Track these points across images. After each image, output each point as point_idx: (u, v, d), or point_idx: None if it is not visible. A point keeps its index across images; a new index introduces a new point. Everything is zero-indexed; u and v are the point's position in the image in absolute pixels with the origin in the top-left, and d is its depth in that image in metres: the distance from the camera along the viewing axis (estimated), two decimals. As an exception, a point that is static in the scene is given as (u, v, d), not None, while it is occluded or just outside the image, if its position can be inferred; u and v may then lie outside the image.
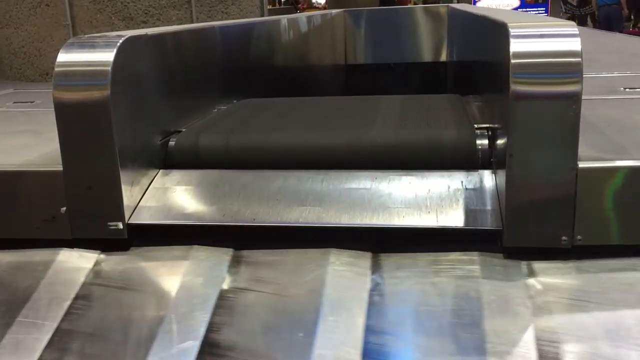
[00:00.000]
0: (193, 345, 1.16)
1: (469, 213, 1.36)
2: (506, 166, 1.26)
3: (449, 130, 1.60)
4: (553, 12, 12.55)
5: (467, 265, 1.30)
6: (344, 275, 1.31)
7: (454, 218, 1.35)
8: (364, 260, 1.35)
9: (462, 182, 1.43)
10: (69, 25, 3.46)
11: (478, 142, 1.52)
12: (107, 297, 1.33)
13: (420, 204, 1.39)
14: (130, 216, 1.44)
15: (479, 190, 1.41)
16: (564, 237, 1.27)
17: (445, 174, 1.46)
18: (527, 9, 13.71)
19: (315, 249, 1.38)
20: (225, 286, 1.31)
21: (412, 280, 1.29)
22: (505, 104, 1.26)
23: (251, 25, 2.88)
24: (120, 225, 1.42)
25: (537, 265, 1.28)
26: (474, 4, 12.65)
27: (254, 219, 1.42)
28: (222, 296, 1.28)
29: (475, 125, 1.61)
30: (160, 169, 1.61)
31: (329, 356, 1.11)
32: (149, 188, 1.53)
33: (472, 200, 1.39)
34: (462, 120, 1.70)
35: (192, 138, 1.69)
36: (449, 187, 1.42)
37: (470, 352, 1.10)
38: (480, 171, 1.46)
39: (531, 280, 1.24)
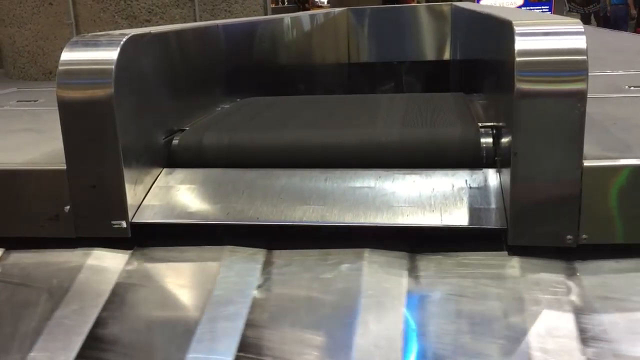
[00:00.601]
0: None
1: (473, 212, 1.35)
2: (511, 165, 1.26)
3: (453, 128, 1.60)
4: (557, 11, 12.52)
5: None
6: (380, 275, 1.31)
7: (458, 217, 1.35)
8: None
9: (466, 180, 1.42)
10: (73, 24, 3.46)
11: (482, 140, 1.52)
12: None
13: (424, 202, 1.39)
14: (134, 215, 1.44)
15: (483, 189, 1.40)
16: (569, 236, 1.27)
17: (450, 172, 1.45)
18: (531, 7, 13.66)
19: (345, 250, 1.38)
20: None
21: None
22: (509, 102, 1.25)
23: (254, 24, 2.87)
24: (124, 224, 1.42)
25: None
26: (478, 2, 12.62)
27: (257, 218, 1.42)
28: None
29: (480, 124, 1.60)
30: (163, 167, 1.61)
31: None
32: (153, 187, 1.53)
33: (477, 199, 1.38)
34: (466, 119, 1.69)
35: (196, 137, 1.69)
36: (453, 186, 1.41)
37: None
38: (485, 170, 1.45)
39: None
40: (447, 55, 5.27)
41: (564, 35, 1.24)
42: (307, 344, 1.15)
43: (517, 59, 1.22)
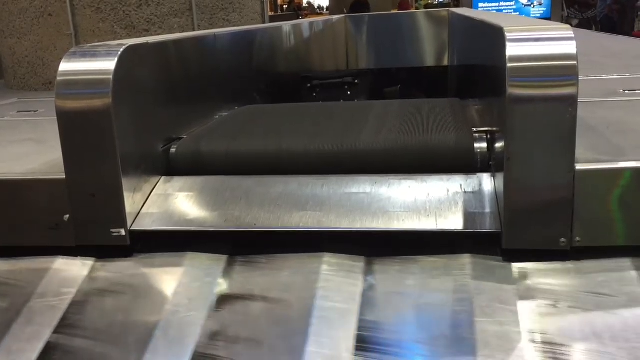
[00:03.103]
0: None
1: (468, 216, 1.37)
2: (504, 169, 1.27)
3: (448, 134, 1.62)
4: (554, 14, 12.57)
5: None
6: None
7: (453, 221, 1.36)
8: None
9: (461, 185, 1.44)
10: (72, 34, 3.49)
11: (477, 145, 1.53)
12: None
13: (419, 207, 1.40)
14: (133, 223, 1.46)
15: (477, 194, 1.42)
16: (562, 239, 1.28)
17: (445, 177, 1.47)
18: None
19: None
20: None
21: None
22: (502, 107, 1.27)
23: (252, 32, 2.90)
24: (123, 232, 1.44)
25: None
26: (476, 7, 12.66)
27: (255, 224, 1.43)
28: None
29: (474, 129, 1.62)
30: (162, 175, 1.62)
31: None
32: (151, 195, 1.55)
33: (471, 203, 1.39)
34: (460, 124, 1.71)
35: (194, 145, 1.71)
36: (448, 191, 1.43)
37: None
38: (479, 174, 1.47)
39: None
40: (445, 61, 5.29)
41: (555, 41, 1.26)
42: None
43: (509, 64, 1.24)
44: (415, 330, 1.21)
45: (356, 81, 3.39)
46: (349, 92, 3.36)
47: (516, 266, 1.30)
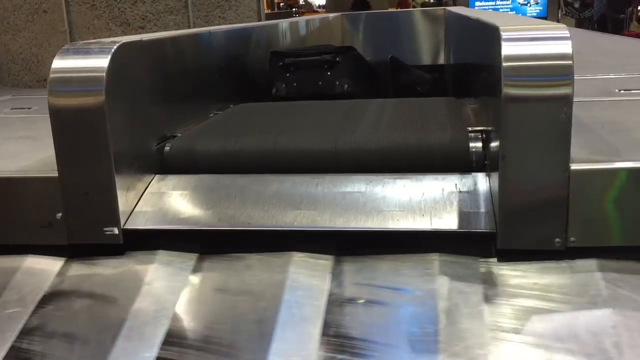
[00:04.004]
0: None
1: (462, 216, 1.36)
2: (499, 168, 1.27)
3: (443, 133, 1.61)
4: (550, 14, 12.58)
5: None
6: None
7: (448, 221, 1.36)
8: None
9: (456, 184, 1.43)
10: (67, 31, 3.47)
11: (472, 144, 1.53)
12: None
13: (414, 207, 1.40)
14: (126, 221, 1.45)
15: (472, 193, 1.41)
16: (557, 239, 1.28)
17: (440, 176, 1.46)
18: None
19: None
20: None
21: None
22: (497, 107, 1.27)
23: (248, 30, 2.89)
24: (116, 231, 1.43)
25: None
26: (472, 6, 12.67)
27: (249, 223, 1.43)
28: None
29: (469, 128, 1.61)
30: (156, 174, 1.61)
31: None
32: (145, 193, 1.54)
33: (466, 202, 1.39)
34: (456, 123, 1.70)
35: (188, 143, 1.70)
36: (443, 190, 1.42)
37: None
38: (474, 174, 1.46)
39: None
40: (441, 60, 5.28)
41: (550, 40, 1.26)
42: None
43: (504, 63, 1.24)
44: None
45: (337, 59, 2.72)
46: (328, 73, 2.70)
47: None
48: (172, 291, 1.33)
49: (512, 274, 1.27)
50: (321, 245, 1.40)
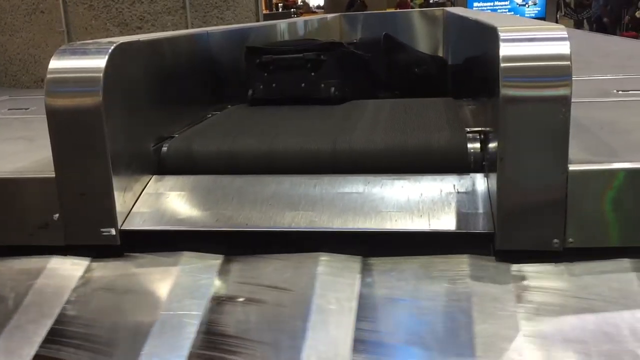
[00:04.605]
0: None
1: (461, 216, 1.36)
2: (497, 169, 1.27)
3: (441, 134, 1.61)
4: (549, 14, 12.60)
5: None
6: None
7: (446, 222, 1.35)
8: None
9: (454, 185, 1.43)
10: (64, 31, 3.46)
11: (470, 145, 1.53)
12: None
13: (412, 207, 1.39)
14: (123, 222, 1.44)
15: (471, 194, 1.41)
16: (555, 240, 1.28)
17: (438, 177, 1.46)
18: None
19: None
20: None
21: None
22: (496, 108, 1.27)
23: (246, 30, 2.88)
24: (113, 232, 1.42)
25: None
26: (471, 7, 12.67)
27: (246, 224, 1.42)
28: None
29: (468, 129, 1.61)
30: (153, 174, 1.61)
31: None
32: (142, 194, 1.54)
33: (465, 203, 1.39)
34: (454, 124, 1.70)
35: (186, 144, 1.70)
36: (441, 191, 1.42)
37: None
38: (473, 174, 1.46)
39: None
40: None
41: (549, 41, 1.26)
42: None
43: (502, 64, 1.23)
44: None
45: (322, 57, 2.26)
46: (312, 73, 2.26)
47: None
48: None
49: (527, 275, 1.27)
50: (320, 246, 1.39)
